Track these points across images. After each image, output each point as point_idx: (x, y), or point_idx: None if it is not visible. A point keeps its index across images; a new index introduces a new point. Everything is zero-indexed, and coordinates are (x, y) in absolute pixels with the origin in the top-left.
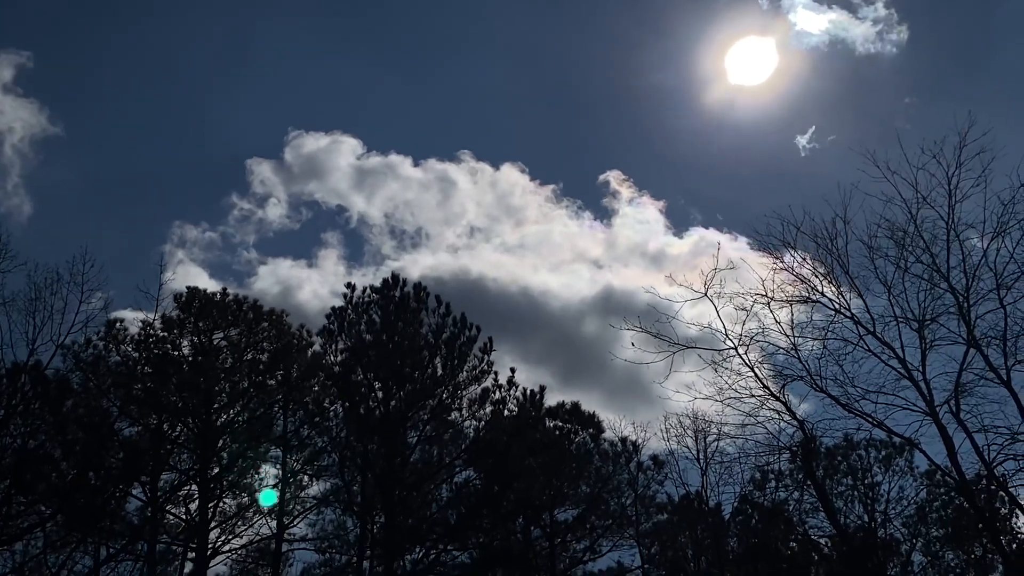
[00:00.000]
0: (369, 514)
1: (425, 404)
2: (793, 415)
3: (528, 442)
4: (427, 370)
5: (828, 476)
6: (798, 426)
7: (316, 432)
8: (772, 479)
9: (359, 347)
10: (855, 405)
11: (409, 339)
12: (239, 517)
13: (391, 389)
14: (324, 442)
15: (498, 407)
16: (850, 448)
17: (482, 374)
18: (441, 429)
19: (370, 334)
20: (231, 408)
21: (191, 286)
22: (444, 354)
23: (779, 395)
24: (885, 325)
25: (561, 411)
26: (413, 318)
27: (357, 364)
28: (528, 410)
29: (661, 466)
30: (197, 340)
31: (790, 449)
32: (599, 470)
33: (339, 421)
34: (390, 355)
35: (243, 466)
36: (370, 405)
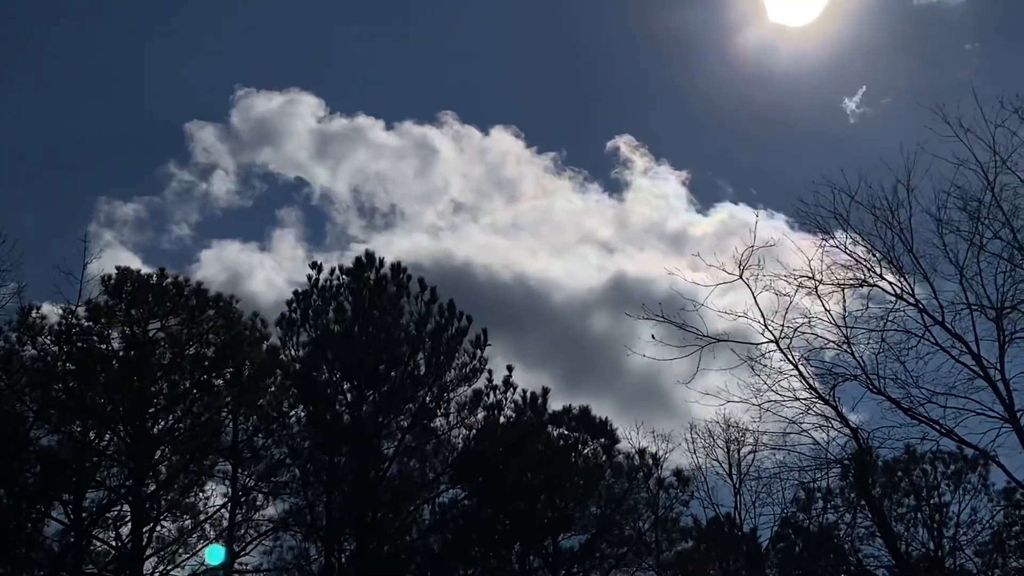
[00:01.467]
0: (336, 540)
1: (404, 409)
2: (845, 421)
3: (527, 454)
4: (407, 368)
5: (886, 495)
6: (851, 435)
7: (273, 442)
8: (819, 498)
9: (325, 340)
10: (919, 410)
11: (386, 330)
12: (180, 543)
13: (363, 390)
14: (282, 454)
15: (492, 413)
16: (913, 461)
17: (473, 373)
18: (423, 438)
19: (339, 324)
20: (170, 413)
21: (122, 266)
22: (428, 349)
23: (828, 398)
24: (956, 314)
25: (567, 417)
26: (391, 305)
27: (322, 360)
28: (528, 416)
29: (686, 483)
30: (129, 331)
31: (841, 463)
32: (612, 488)
33: (300, 429)
34: (363, 349)
35: (185, 483)
36: (338, 410)
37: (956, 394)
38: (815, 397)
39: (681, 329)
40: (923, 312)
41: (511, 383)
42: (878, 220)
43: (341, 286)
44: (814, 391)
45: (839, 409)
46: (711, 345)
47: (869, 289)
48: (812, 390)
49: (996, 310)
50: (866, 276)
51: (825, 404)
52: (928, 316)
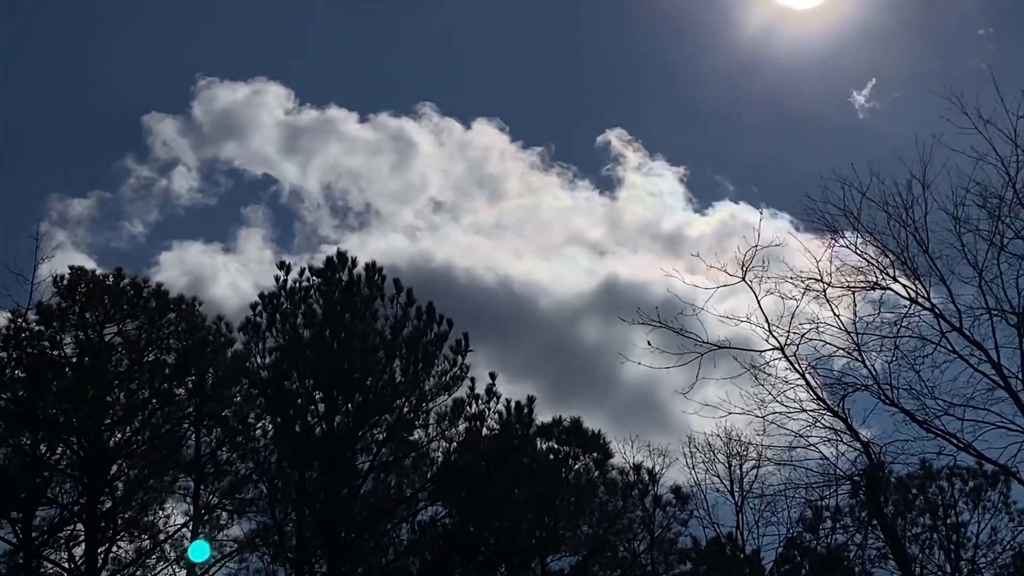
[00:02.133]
0: (307, 561)
1: (380, 420)
2: (855, 435)
3: (513, 469)
4: (383, 376)
5: (900, 514)
6: (862, 449)
7: (238, 456)
8: (828, 518)
9: (294, 346)
10: (935, 423)
11: (360, 336)
12: (137, 565)
13: (336, 400)
14: (248, 468)
15: (475, 424)
16: (928, 478)
17: (454, 381)
18: (401, 452)
19: (309, 329)
20: (127, 424)
21: (76, 266)
22: (405, 355)
23: (837, 409)
24: (975, 320)
25: (556, 430)
26: (365, 308)
27: (292, 368)
28: (513, 428)
29: (685, 501)
30: (84, 336)
31: (851, 479)
32: (605, 506)
33: (268, 442)
34: (335, 356)
35: (143, 499)
36: (308, 421)
37: (975, 405)
38: (823, 409)
39: (679, 335)
40: (939, 317)
41: (495, 392)
42: (891, 218)
43: (311, 288)
44: (822, 402)
45: (849, 421)
46: (711, 353)
47: (881, 293)
48: (820, 401)
49: (1018, 315)
50: (878, 278)
51: (834, 416)
52: (945, 322)
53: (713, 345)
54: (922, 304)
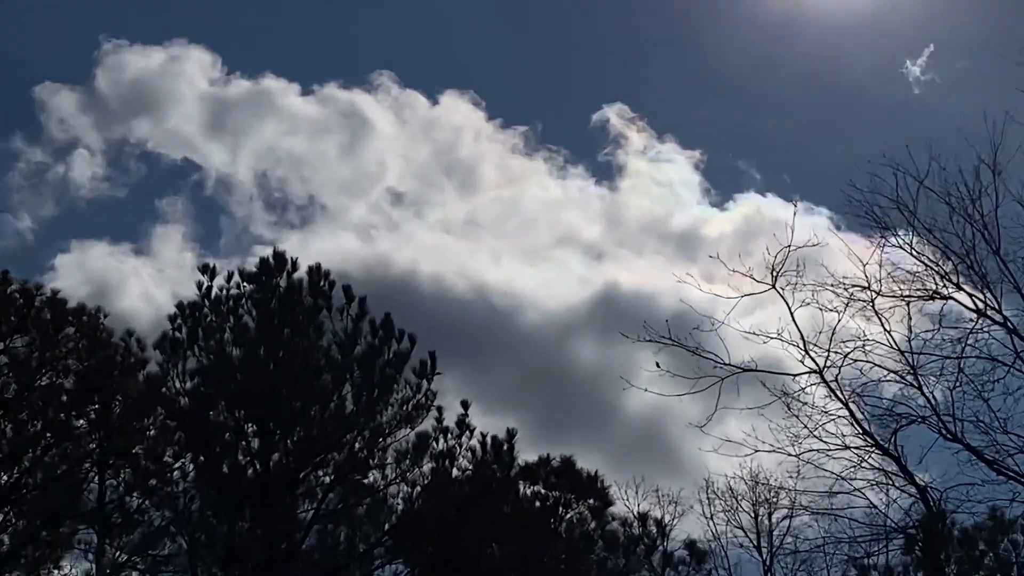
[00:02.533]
0: None
1: (327, 459)
2: (910, 477)
3: (490, 518)
4: (330, 405)
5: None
6: (918, 495)
7: (152, 503)
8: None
9: (222, 367)
10: (1007, 462)
11: (302, 355)
12: None
13: (272, 435)
14: (165, 518)
15: (443, 463)
16: (999, 529)
17: (417, 411)
18: (353, 498)
19: (239, 347)
20: (15, 464)
21: None
22: (357, 379)
23: (888, 446)
24: None
25: (544, 471)
26: (308, 322)
27: (218, 394)
28: (490, 468)
29: (701, 559)
30: None
31: (905, 531)
32: (604, 563)
33: (189, 485)
34: (271, 380)
35: (35, 556)
36: (239, 460)
37: None
38: (871, 445)
39: (694, 356)
40: (1013, 333)
41: (467, 424)
42: (954, 212)
43: (242, 297)
44: (869, 437)
45: (902, 461)
46: (734, 377)
47: (942, 303)
48: (867, 436)
49: None
50: (938, 286)
51: (884, 454)
52: (1019, 338)
53: (736, 368)
54: (992, 317)
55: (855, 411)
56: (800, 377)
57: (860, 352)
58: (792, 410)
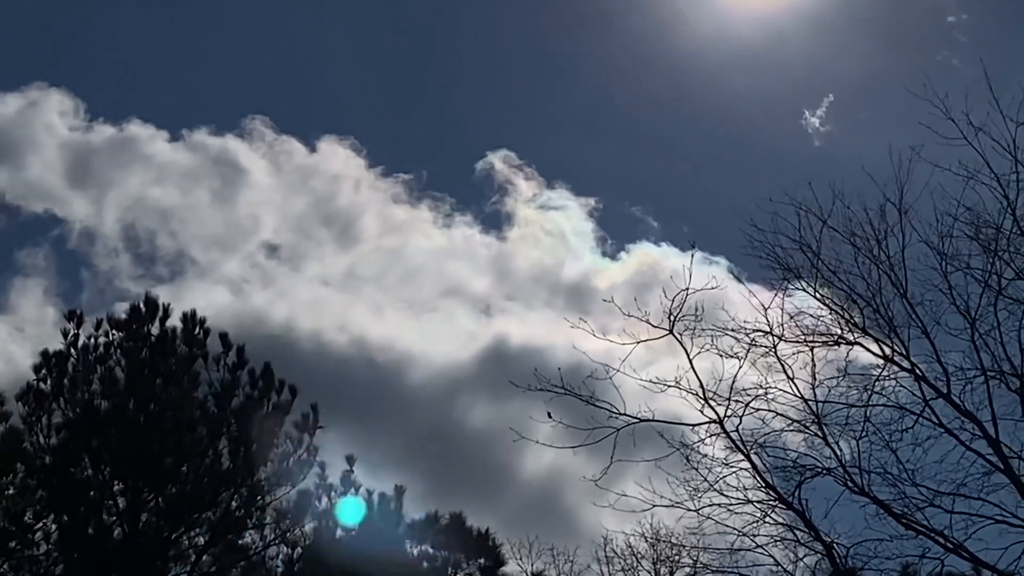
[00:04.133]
0: None
1: (201, 518)
2: (815, 533)
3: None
4: (205, 460)
5: None
6: (824, 551)
7: (11, 567)
8: None
9: (88, 421)
10: (917, 516)
11: (174, 407)
12: None
13: (141, 493)
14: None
15: (326, 522)
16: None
17: (299, 467)
18: (229, 560)
19: (107, 399)
20: None
21: None
22: (234, 433)
23: (792, 500)
24: (967, 383)
25: (432, 529)
26: (182, 372)
27: (83, 450)
28: (376, 527)
29: None
30: None
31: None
32: None
33: (51, 547)
34: (141, 435)
35: None
36: (106, 520)
37: (967, 495)
38: (774, 499)
39: (588, 404)
40: (921, 380)
41: (353, 481)
42: (860, 253)
43: (111, 345)
44: (772, 491)
45: (807, 515)
46: (630, 428)
47: (847, 349)
48: (770, 489)
49: (1020, 378)
50: (843, 331)
51: (788, 508)
52: (928, 386)
53: (632, 418)
54: (899, 364)
55: (757, 463)
56: (699, 428)
57: (762, 401)
58: (691, 462)
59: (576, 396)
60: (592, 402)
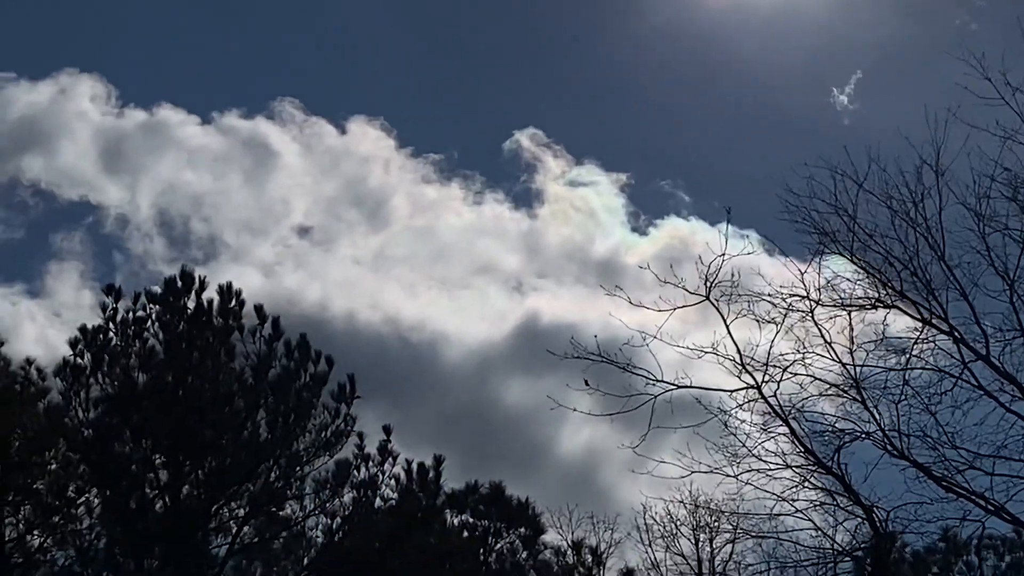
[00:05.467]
0: None
1: (240, 490)
2: (855, 497)
3: (417, 551)
4: (243, 432)
5: None
6: (864, 515)
7: (55, 541)
8: None
9: (127, 395)
10: (957, 479)
11: (212, 380)
12: None
13: (182, 466)
14: (69, 558)
15: (365, 493)
16: (953, 551)
17: (337, 438)
18: (269, 532)
19: (146, 372)
20: None
21: None
22: (272, 404)
23: (831, 464)
24: (1006, 345)
25: (471, 499)
26: (219, 344)
27: (124, 424)
28: (416, 497)
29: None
30: None
31: (852, 555)
32: None
33: (94, 522)
34: (180, 408)
35: None
36: (147, 494)
37: (1008, 456)
38: (813, 464)
39: (626, 372)
40: (960, 343)
41: (390, 451)
42: (896, 216)
43: (148, 319)
44: (811, 455)
45: (846, 480)
46: (667, 395)
47: (885, 312)
48: (809, 454)
49: None
50: (880, 294)
51: (827, 473)
52: (967, 348)
53: (670, 384)
54: (938, 327)
55: (795, 428)
56: (737, 394)
57: (799, 366)
58: (729, 428)
59: (613, 364)
60: (629, 369)
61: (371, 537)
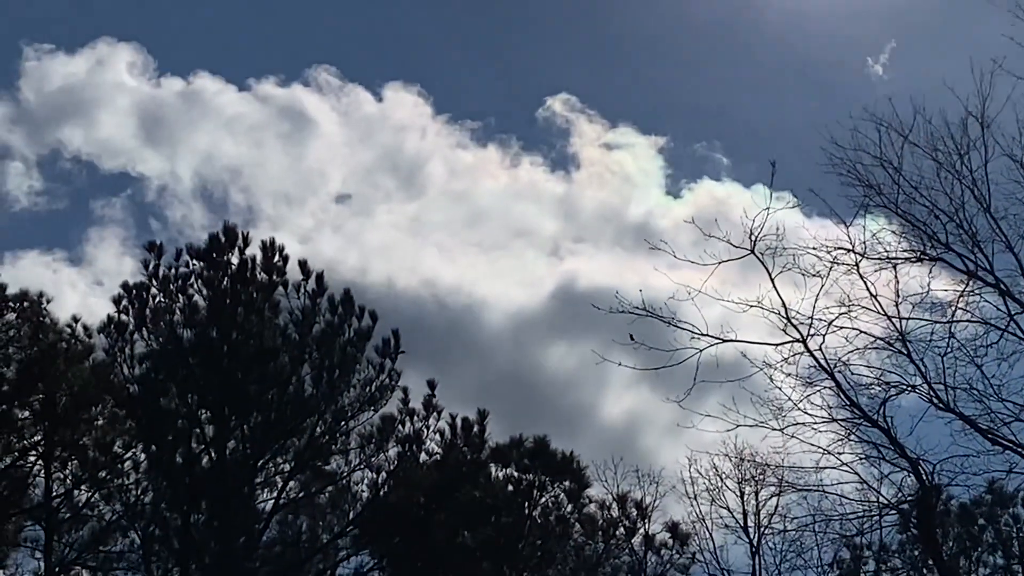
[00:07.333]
0: None
1: (286, 445)
2: (901, 450)
3: (461, 505)
4: (288, 387)
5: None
6: (910, 468)
7: (102, 496)
8: (870, 558)
9: (172, 351)
10: (1003, 431)
11: (257, 336)
12: None
13: (228, 421)
14: (116, 512)
15: (409, 447)
16: (998, 503)
17: (381, 392)
18: (315, 486)
19: (190, 328)
20: None
21: None
22: (316, 359)
23: (877, 417)
24: None
25: (516, 453)
26: (263, 299)
27: (170, 380)
28: (460, 452)
29: (685, 541)
30: None
31: (898, 508)
32: (582, 549)
33: (140, 477)
34: (225, 363)
35: None
36: (193, 449)
37: None
38: (858, 417)
39: (670, 326)
40: (1006, 295)
41: (435, 406)
42: (942, 168)
43: (191, 275)
44: (857, 408)
45: (892, 433)
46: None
47: (931, 265)
48: (854, 407)
49: None
50: (926, 246)
51: (872, 426)
52: (1014, 301)
53: (715, 338)
54: (983, 279)
55: (841, 381)
56: (782, 348)
57: (845, 320)
58: (775, 382)
59: (658, 317)
60: (673, 323)
61: (416, 491)
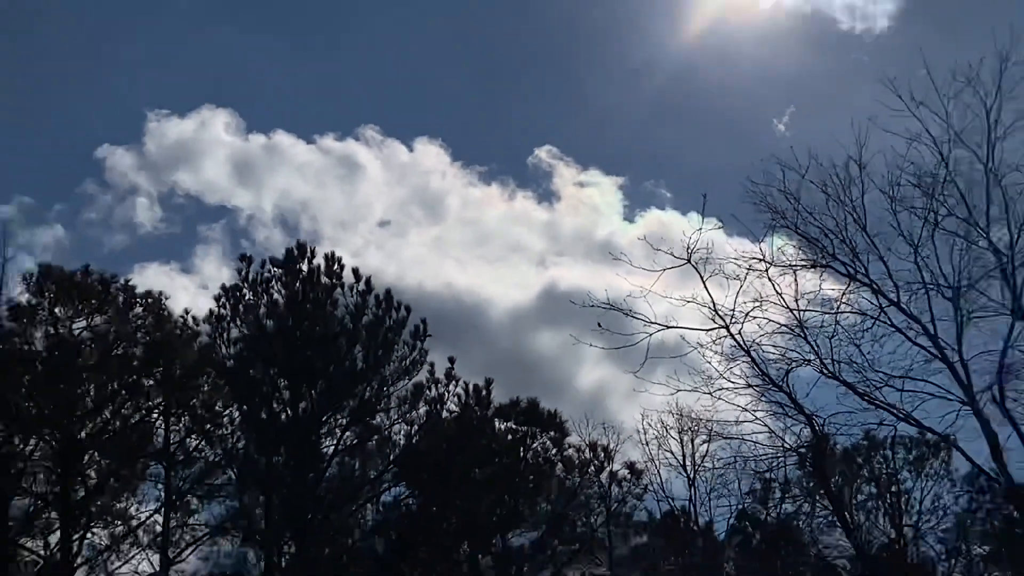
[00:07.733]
0: (276, 544)
1: (343, 405)
2: (800, 408)
3: (473, 450)
4: (345, 362)
5: (846, 484)
6: (806, 422)
7: (207, 443)
8: (777, 489)
9: (258, 336)
10: (876, 394)
11: (321, 324)
12: (112, 551)
13: (300, 387)
14: (217, 455)
15: (435, 407)
16: (872, 448)
17: (414, 366)
18: (364, 436)
19: (272, 319)
20: (98, 416)
21: (44, 263)
22: (365, 341)
23: (782, 384)
24: (912, 294)
25: (514, 411)
26: (325, 297)
27: (256, 357)
28: (472, 410)
29: (639, 476)
30: (54, 331)
31: (798, 451)
32: (563, 483)
33: (235, 429)
34: (297, 345)
35: (115, 488)
36: (274, 408)
37: (914, 377)
38: (768, 384)
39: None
40: (877, 293)
41: (453, 376)
42: (830, 199)
43: (272, 279)
44: (767, 377)
45: (793, 396)
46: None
47: (822, 271)
48: (765, 376)
49: (953, 289)
50: (818, 257)
51: (779, 391)
52: (883, 297)
53: (661, 325)
54: (861, 280)
55: (755, 358)
56: (712, 332)
57: (758, 311)
58: (706, 358)
59: (618, 310)
60: (630, 314)
61: (439, 439)
